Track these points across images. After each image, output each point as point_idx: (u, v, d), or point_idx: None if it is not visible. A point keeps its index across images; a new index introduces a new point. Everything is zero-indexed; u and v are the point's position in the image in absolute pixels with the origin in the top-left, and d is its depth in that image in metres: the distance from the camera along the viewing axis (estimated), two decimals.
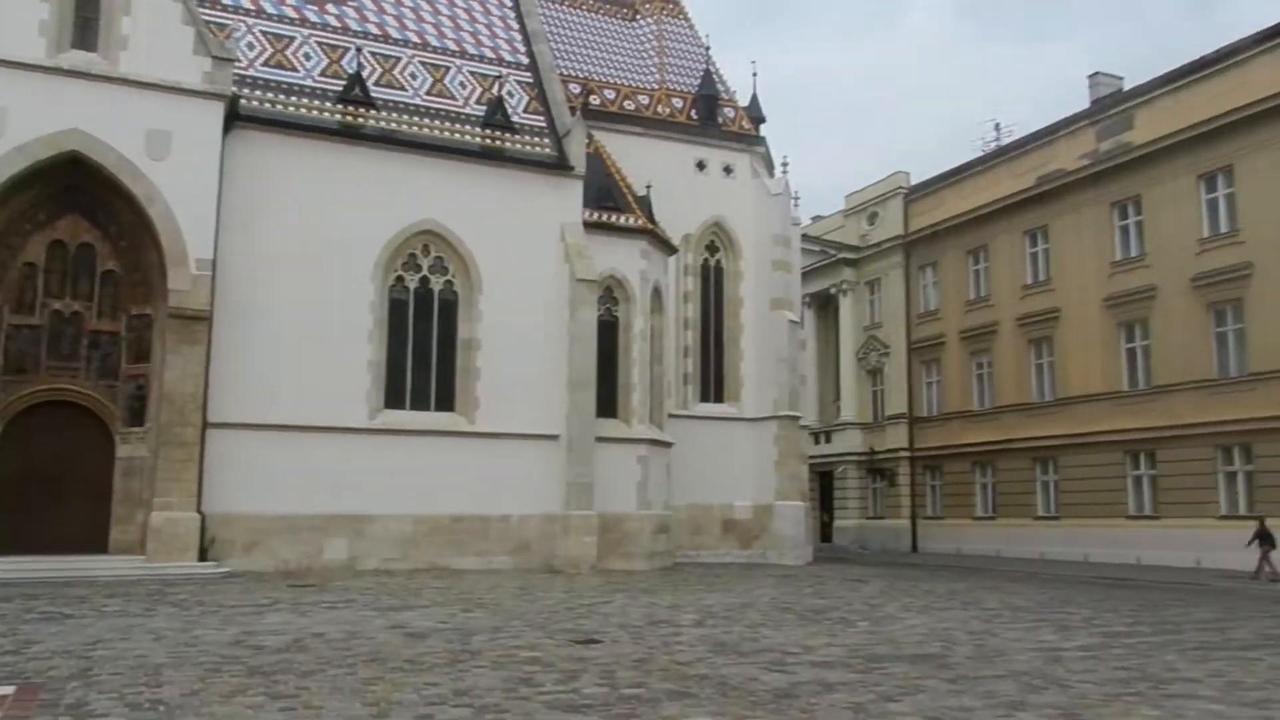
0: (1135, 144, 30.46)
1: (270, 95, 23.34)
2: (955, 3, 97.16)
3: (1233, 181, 27.77)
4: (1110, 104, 32.76)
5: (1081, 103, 35.30)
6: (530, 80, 27.90)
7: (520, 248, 24.63)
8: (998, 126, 42.30)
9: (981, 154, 38.97)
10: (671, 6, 34.76)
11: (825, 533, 41.09)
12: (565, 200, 25.35)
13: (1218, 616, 15.79)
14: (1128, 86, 33.70)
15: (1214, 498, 27.45)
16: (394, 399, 23.41)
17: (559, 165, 25.58)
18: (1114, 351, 30.90)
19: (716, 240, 30.93)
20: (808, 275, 40.53)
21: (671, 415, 28.36)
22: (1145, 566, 27.04)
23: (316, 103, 23.82)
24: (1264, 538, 24.05)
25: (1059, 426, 32.21)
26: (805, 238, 39.71)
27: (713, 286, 30.78)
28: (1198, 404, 27.97)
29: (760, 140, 32.30)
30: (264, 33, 24.81)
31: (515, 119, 26.21)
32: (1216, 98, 28.07)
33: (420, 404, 23.78)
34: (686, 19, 34.83)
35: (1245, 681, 9.60)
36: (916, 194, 40.00)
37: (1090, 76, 35.59)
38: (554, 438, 24.23)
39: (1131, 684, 9.36)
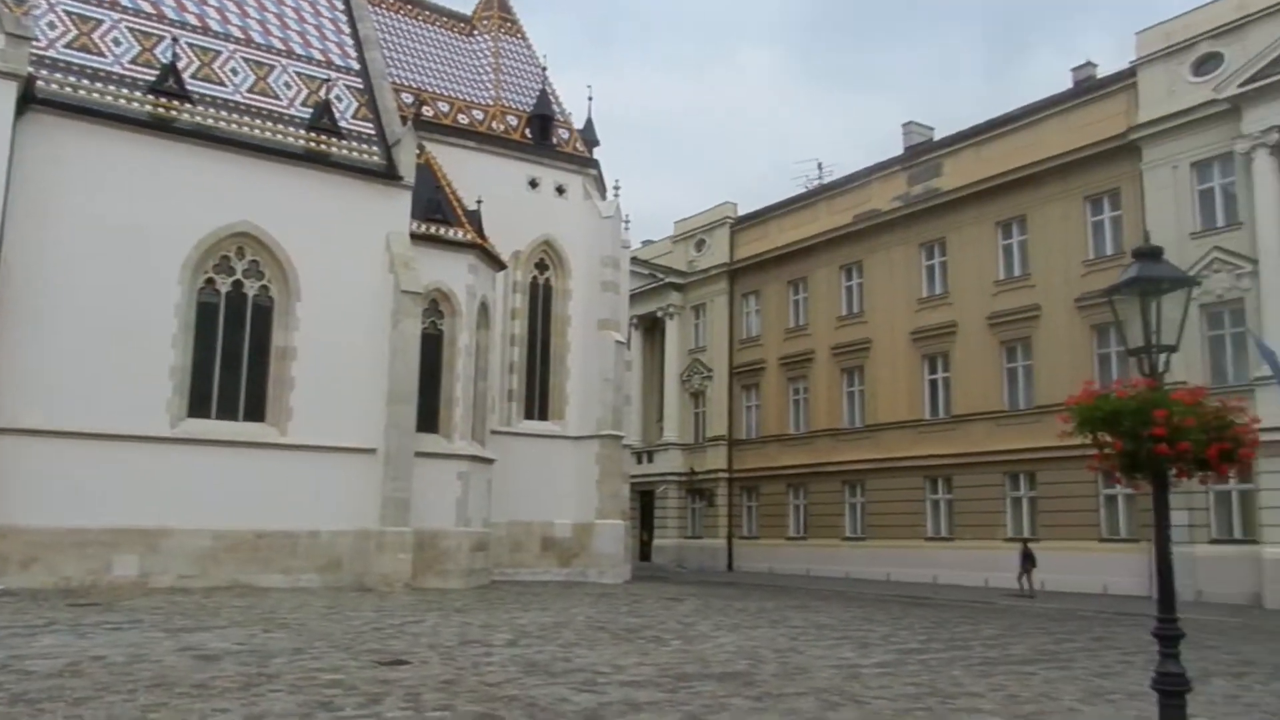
0: (943, 190, 32.54)
1: (72, 79, 21.70)
2: (786, 46, 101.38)
3: (1026, 230, 30.05)
4: (921, 152, 34.90)
5: (896, 148, 37.51)
6: (360, 86, 27.15)
7: (343, 256, 23.83)
8: (820, 165, 44.39)
9: (805, 190, 40.75)
10: (509, 25, 34.63)
11: (645, 551, 41.58)
12: (392, 210, 24.74)
13: (1000, 633, 16.86)
14: (938, 137, 36.01)
15: (1002, 521, 29.46)
16: (199, 407, 22.09)
17: (387, 174, 24.94)
18: (918, 382, 32.78)
19: (546, 258, 30.92)
20: (636, 298, 41.17)
21: (495, 432, 28.05)
22: (941, 585, 28.67)
23: (125, 91, 22.31)
24: (1027, 557, 26.39)
25: (867, 452, 33.84)
26: (635, 261, 40.29)
27: (541, 304, 30.72)
28: (990, 433, 30.01)
29: (594, 163, 32.57)
30: (68, 12, 23.08)
31: (343, 124, 25.41)
32: (1014, 153, 30.38)
33: (228, 413, 22.54)
34: (524, 38, 34.77)
35: (1021, 695, 10.28)
36: (743, 224, 41.31)
37: (904, 125, 37.87)
38: (371, 451, 23.49)
39: (922, 699, 9.86)
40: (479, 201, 27.15)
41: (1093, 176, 28.24)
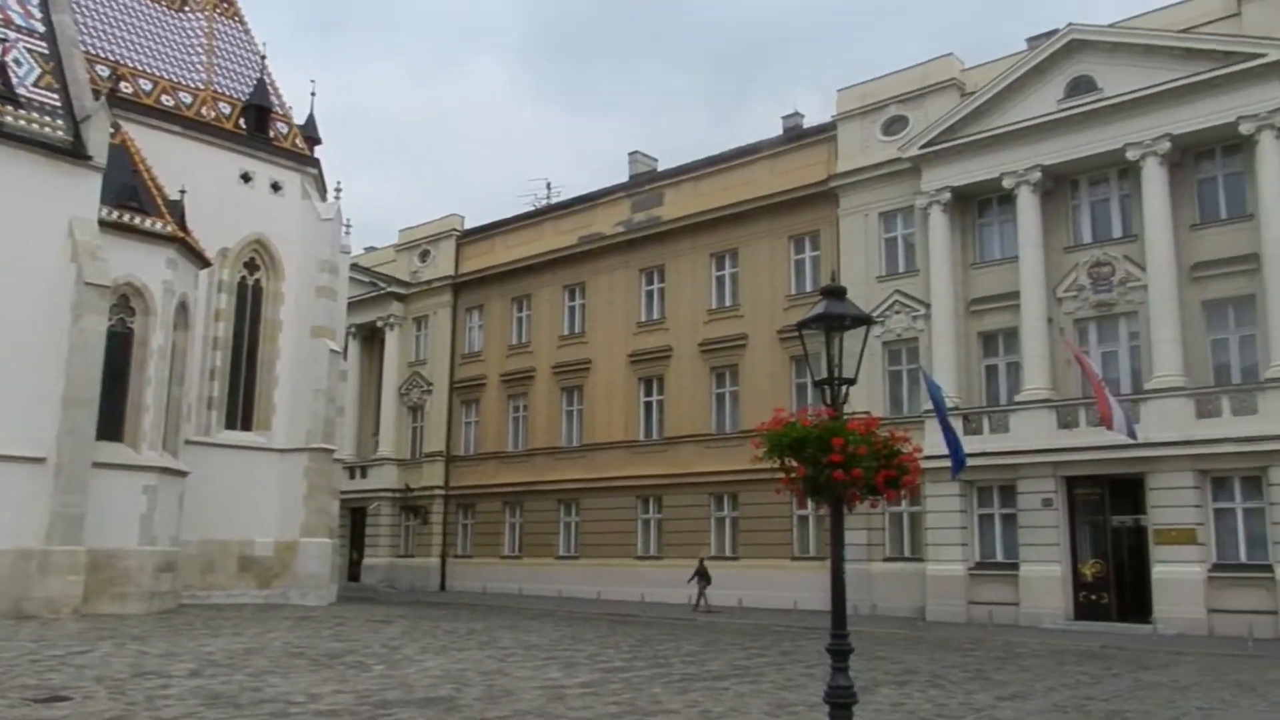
0: (663, 219, 33.91)
1: None
2: (522, 63, 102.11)
3: (737, 263, 31.90)
4: (645, 181, 36.23)
5: (622, 175, 38.73)
6: (46, 51, 24.36)
7: (14, 239, 21.21)
8: (549, 185, 45.17)
9: (533, 208, 41.05)
10: (226, 6, 32.42)
11: (353, 571, 39.95)
12: (78, 192, 22.29)
13: (700, 649, 17.62)
14: (661, 167, 37.53)
15: (707, 540, 30.91)
16: None
17: (73, 152, 22.47)
18: (634, 404, 33.82)
19: (258, 258, 29.13)
20: (355, 305, 39.70)
21: (190, 442, 25.99)
22: (649, 603, 29.59)
23: None
24: (702, 575, 28.03)
25: (583, 471, 34.44)
26: (355, 267, 38.90)
27: (250, 306, 28.88)
28: (698, 455, 31.47)
29: (314, 161, 31.14)
30: None
31: (22, 91, 22.68)
32: (729, 189, 32.21)
33: None
34: (242, 22, 32.70)
35: (714, 710, 10.74)
36: (469, 238, 40.98)
37: (631, 153, 39.18)
38: (39, 461, 20.98)
39: (622, 717, 10.06)
40: (182, 191, 25.14)
41: (797, 218, 30.46)
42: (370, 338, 43.23)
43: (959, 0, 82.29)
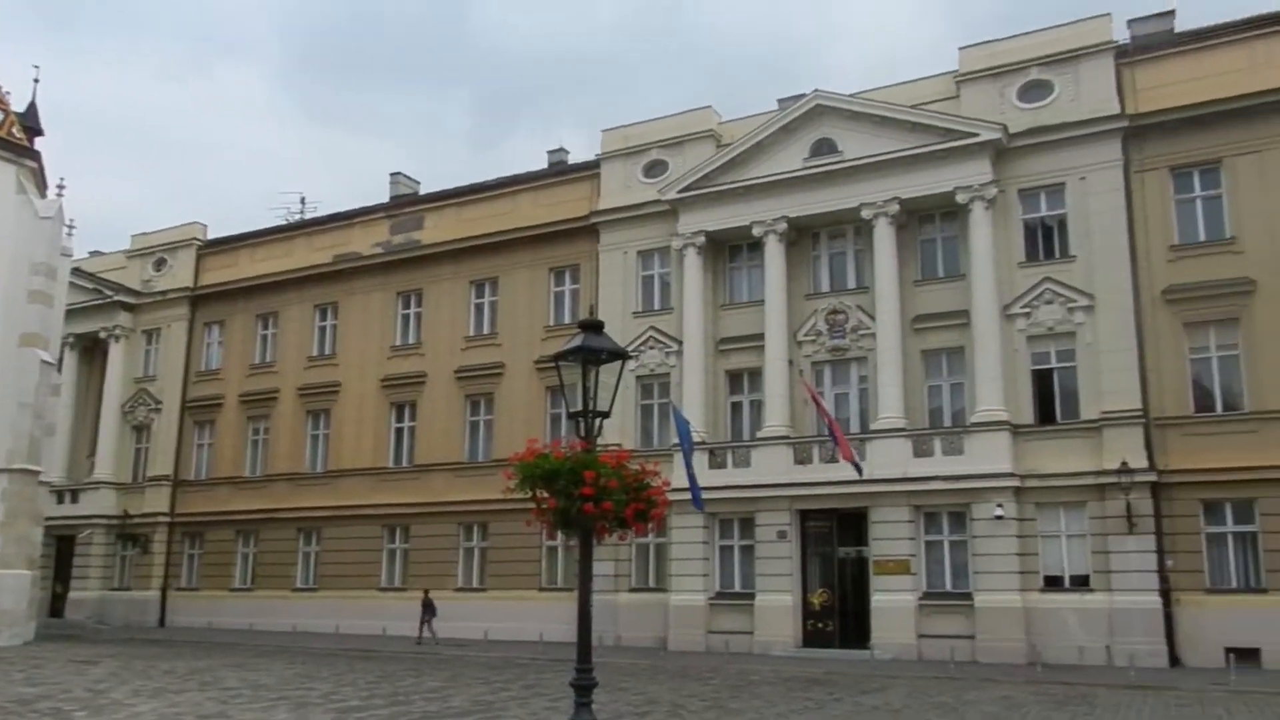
0: (423, 243, 33.28)
1: None
2: (278, 73, 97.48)
3: (497, 291, 31.79)
4: (406, 203, 35.49)
5: (382, 195, 37.71)
6: None
7: None
8: (303, 200, 43.10)
9: (284, 222, 39.13)
10: None
11: (56, 606, 35.99)
12: None
13: (443, 685, 17.19)
14: (424, 191, 36.89)
15: (454, 571, 30.32)
16: None
17: None
18: (385, 429, 32.78)
19: None
20: (74, 314, 36.15)
21: None
22: (391, 637, 28.56)
23: None
24: (427, 606, 27.79)
25: (327, 499, 32.92)
26: (77, 272, 35.64)
27: None
28: (449, 484, 30.89)
29: (34, 154, 28.31)
30: None
31: None
32: (492, 218, 32.13)
33: None
34: None
35: None
36: (211, 248, 38.47)
37: (392, 175, 38.27)
38: None
39: None
40: None
41: (558, 251, 30.80)
42: (91, 349, 39.42)
43: (719, 58, 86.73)
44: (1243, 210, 22.59)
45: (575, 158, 33.77)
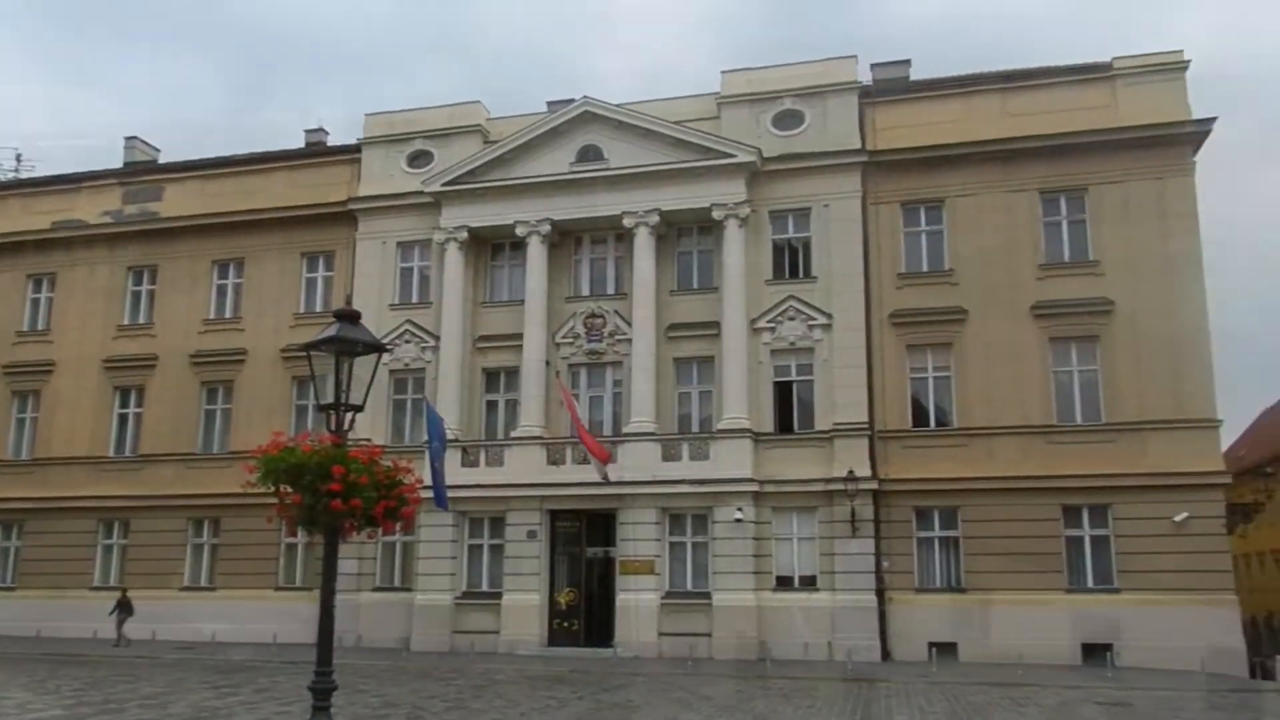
0: (161, 215, 30.85)
1: None
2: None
3: (243, 273, 29.97)
4: (143, 170, 32.78)
5: (116, 160, 34.57)
6: None
7: None
8: (19, 157, 38.83)
9: None
10: None
11: None
12: None
13: (162, 690, 16.01)
14: (163, 160, 34.17)
15: (181, 568, 28.28)
16: None
17: None
18: (106, 415, 30.10)
19: None
20: None
21: None
22: (103, 640, 26.17)
23: None
24: (124, 606, 26.16)
25: (34, 489, 29.81)
26: None
27: None
28: (179, 476, 28.78)
29: None
30: None
31: None
32: (240, 195, 30.26)
33: None
34: None
35: None
36: None
37: (128, 139, 35.01)
38: None
39: None
40: None
41: (312, 235, 29.41)
42: None
43: (491, 55, 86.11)
44: (959, 245, 25.05)
45: (335, 141, 32.41)
